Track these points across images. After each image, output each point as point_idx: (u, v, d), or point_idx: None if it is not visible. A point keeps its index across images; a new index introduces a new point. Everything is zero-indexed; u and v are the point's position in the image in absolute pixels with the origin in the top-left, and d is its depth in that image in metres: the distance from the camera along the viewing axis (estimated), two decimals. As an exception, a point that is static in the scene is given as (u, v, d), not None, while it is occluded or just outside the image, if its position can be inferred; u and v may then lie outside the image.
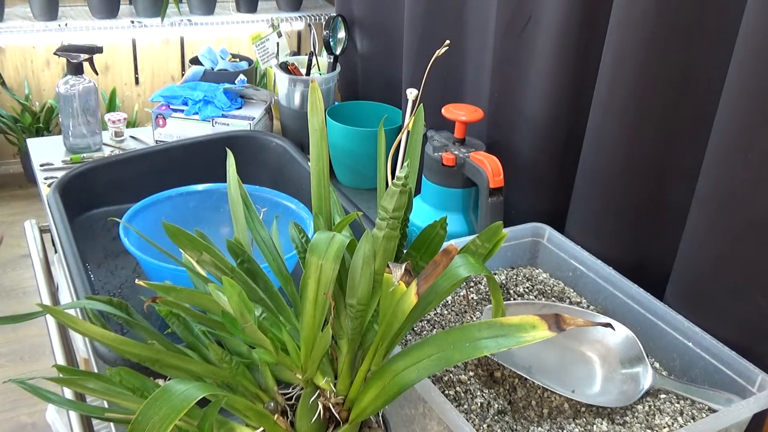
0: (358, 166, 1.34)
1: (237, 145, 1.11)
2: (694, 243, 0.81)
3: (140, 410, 0.52)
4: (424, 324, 0.83)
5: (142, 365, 0.63)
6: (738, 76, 0.72)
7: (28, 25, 2.51)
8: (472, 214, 1.06)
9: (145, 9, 2.63)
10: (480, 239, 0.66)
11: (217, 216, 1.06)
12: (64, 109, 1.43)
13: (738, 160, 0.73)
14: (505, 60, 1.07)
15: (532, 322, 0.54)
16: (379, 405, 0.61)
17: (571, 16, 0.94)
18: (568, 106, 1.00)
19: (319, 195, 0.72)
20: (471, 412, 0.72)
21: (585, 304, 0.90)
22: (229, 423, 0.65)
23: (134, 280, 0.74)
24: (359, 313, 0.60)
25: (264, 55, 1.81)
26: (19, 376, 0.66)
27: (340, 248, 0.60)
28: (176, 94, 1.45)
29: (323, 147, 0.72)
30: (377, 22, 1.49)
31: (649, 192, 0.89)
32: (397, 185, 0.58)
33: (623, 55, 0.84)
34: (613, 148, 0.90)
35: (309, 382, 0.65)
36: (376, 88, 1.53)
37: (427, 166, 1.06)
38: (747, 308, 0.76)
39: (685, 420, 0.72)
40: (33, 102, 2.91)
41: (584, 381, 0.78)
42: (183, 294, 0.65)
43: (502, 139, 1.11)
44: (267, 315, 0.66)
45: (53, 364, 0.72)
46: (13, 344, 2.15)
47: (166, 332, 0.70)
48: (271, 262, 0.73)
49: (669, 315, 0.80)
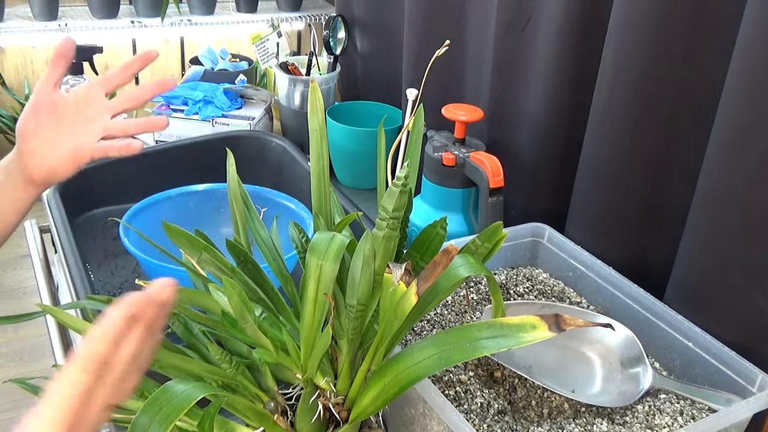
0: (358, 166, 1.34)
1: (237, 145, 1.11)
2: (694, 243, 0.81)
3: (140, 410, 0.52)
4: (424, 324, 0.83)
5: (142, 365, 0.63)
6: (738, 76, 0.72)
7: (28, 25, 2.51)
8: (472, 214, 1.06)
9: (145, 9, 2.63)
10: (480, 239, 0.66)
11: (217, 216, 1.06)
12: (64, 109, 1.43)
13: (738, 160, 0.73)
14: (506, 60, 1.07)
15: (532, 322, 0.54)
16: (379, 405, 0.61)
17: (571, 16, 0.94)
18: (568, 106, 1.00)
19: (319, 195, 0.72)
20: (471, 412, 0.71)
21: (585, 304, 0.90)
22: (229, 423, 0.65)
23: (134, 280, 0.74)
24: (359, 313, 0.60)
25: (264, 55, 1.81)
26: (19, 376, 0.66)
27: (340, 248, 0.60)
28: (176, 94, 1.45)
29: (323, 147, 0.72)
30: (377, 22, 1.49)
31: (649, 192, 0.89)
32: (397, 185, 0.58)
33: (623, 55, 0.84)
34: (613, 148, 0.90)
35: (309, 382, 0.65)
36: (376, 88, 1.53)
37: (427, 166, 1.06)
38: (747, 308, 0.76)
39: (685, 420, 0.72)
40: (33, 102, 2.91)
41: (584, 381, 0.78)
42: (183, 294, 0.65)
43: (502, 139, 1.11)
44: (267, 315, 0.66)
45: (53, 364, 0.72)
46: (13, 344, 2.15)
47: (166, 332, 0.70)
48: (271, 262, 0.73)
49: (669, 315, 0.80)
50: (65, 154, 0.73)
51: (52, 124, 0.73)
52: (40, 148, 0.73)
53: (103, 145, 0.74)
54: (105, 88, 0.76)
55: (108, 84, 0.76)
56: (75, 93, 0.74)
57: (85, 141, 0.73)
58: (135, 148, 0.75)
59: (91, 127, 0.74)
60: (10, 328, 2.19)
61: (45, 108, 0.73)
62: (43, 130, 0.73)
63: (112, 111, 0.75)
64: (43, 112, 0.73)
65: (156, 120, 0.77)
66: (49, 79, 0.73)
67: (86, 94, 0.75)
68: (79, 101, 0.74)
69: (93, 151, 0.74)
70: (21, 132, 0.73)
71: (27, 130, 0.72)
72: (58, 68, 0.73)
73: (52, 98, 0.73)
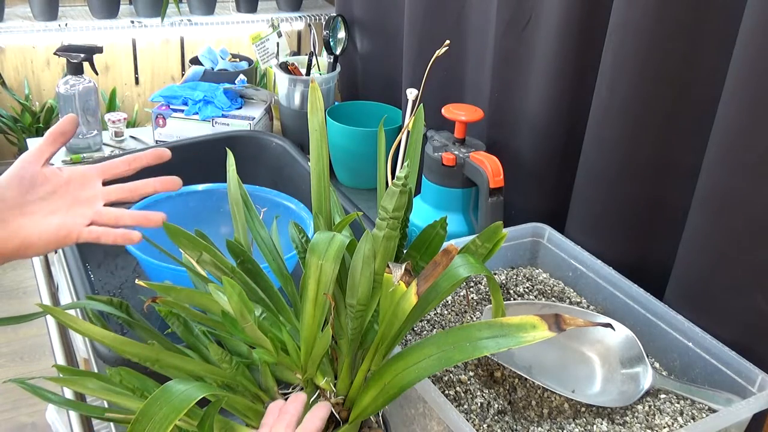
0: (358, 166, 1.34)
1: (237, 145, 1.11)
2: (694, 243, 0.81)
3: (140, 410, 0.52)
4: (424, 324, 0.83)
5: (142, 365, 0.63)
6: (738, 76, 0.72)
7: (28, 25, 2.51)
8: (472, 214, 1.06)
9: (145, 9, 2.63)
10: (480, 239, 0.66)
11: (217, 216, 1.06)
12: (64, 109, 1.43)
13: (738, 160, 0.73)
14: (505, 60, 1.07)
15: (532, 322, 0.54)
16: (379, 405, 0.61)
17: (571, 16, 0.94)
18: (568, 106, 1.00)
19: (319, 195, 0.72)
20: (471, 412, 0.71)
21: (585, 304, 0.90)
22: (229, 423, 0.65)
23: (134, 280, 0.74)
24: (359, 313, 0.60)
25: (264, 55, 1.81)
26: (19, 376, 0.66)
27: (340, 248, 0.60)
28: (176, 94, 1.45)
29: (323, 147, 0.72)
30: (377, 22, 1.49)
31: (649, 192, 0.89)
32: (397, 185, 0.58)
33: (623, 55, 0.84)
34: (613, 148, 0.90)
35: (309, 382, 0.65)
36: (376, 88, 1.53)
37: (427, 166, 1.06)
38: (747, 308, 0.76)
39: (685, 420, 0.72)
40: (33, 102, 2.91)
41: (584, 381, 0.78)
42: (183, 294, 0.65)
43: (502, 139, 1.11)
44: (267, 315, 0.66)
45: (53, 364, 0.72)
46: (13, 344, 2.15)
47: (166, 332, 0.70)
48: (271, 262, 0.73)
49: (669, 315, 0.80)
50: (47, 231, 0.67)
51: (37, 198, 0.68)
52: (18, 218, 0.66)
53: (96, 231, 0.69)
54: (103, 176, 0.72)
55: (107, 173, 0.72)
56: (70, 172, 0.70)
57: (72, 222, 0.68)
58: (134, 240, 0.69)
59: (81, 210, 0.69)
60: (10, 328, 2.19)
61: (30, 179, 0.68)
62: (25, 201, 0.67)
63: (106, 199, 0.71)
64: (28, 183, 0.67)
65: (152, 216, 0.71)
66: (41, 153, 0.69)
67: (82, 176, 0.71)
68: (73, 182, 0.70)
69: (82, 235, 0.68)
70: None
71: (7, 197, 0.66)
72: (55, 145, 0.70)
73: (40, 171, 0.68)
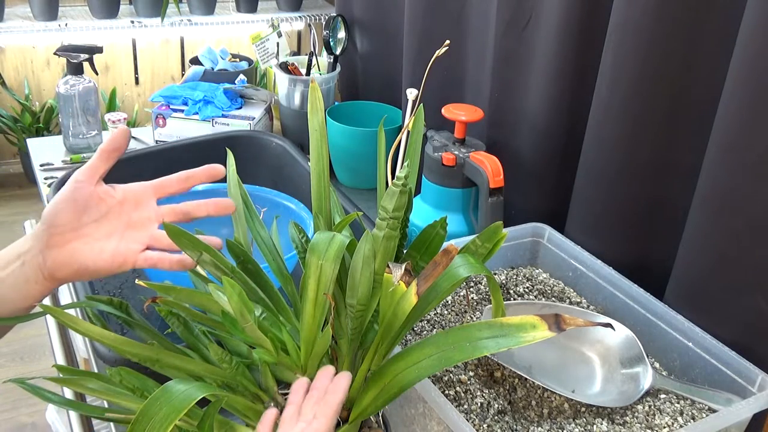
0: (358, 166, 1.34)
1: (237, 145, 1.11)
2: (694, 243, 0.81)
3: (140, 410, 0.52)
4: (424, 324, 0.83)
5: (142, 365, 0.63)
6: (738, 76, 0.72)
7: (28, 25, 2.51)
8: (472, 214, 1.06)
9: (145, 9, 2.63)
10: (480, 239, 0.66)
11: (217, 216, 1.06)
12: (64, 109, 1.43)
13: (738, 160, 0.73)
14: (505, 60, 1.07)
15: (532, 322, 0.54)
16: (379, 405, 0.61)
17: (571, 16, 0.94)
18: (568, 106, 1.00)
19: (319, 195, 0.72)
20: (471, 412, 0.71)
21: (585, 304, 0.90)
22: (229, 423, 0.65)
23: (134, 280, 0.74)
24: (359, 313, 0.60)
25: (264, 55, 1.81)
26: (19, 376, 0.66)
27: (340, 248, 0.60)
28: (176, 94, 1.45)
29: (323, 147, 0.72)
30: (377, 22, 1.49)
31: (649, 192, 0.89)
32: (397, 185, 0.58)
33: (623, 54, 0.84)
34: (613, 148, 0.90)
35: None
36: (376, 88, 1.53)
37: (427, 166, 1.06)
38: (747, 308, 0.76)
39: (685, 420, 0.72)
40: (33, 102, 2.91)
41: (584, 381, 0.78)
42: (183, 294, 0.65)
43: (502, 139, 1.11)
44: (267, 315, 0.66)
45: (53, 364, 0.71)
46: (13, 344, 2.15)
47: (166, 332, 0.70)
48: (271, 262, 0.73)
49: (669, 315, 0.80)
50: (102, 258, 0.64)
51: (92, 220, 0.64)
52: (73, 242, 0.63)
53: (152, 258, 0.65)
54: (157, 196, 0.68)
55: (161, 192, 0.68)
56: (124, 192, 0.66)
57: (127, 248, 0.65)
58: (189, 266, 0.66)
59: (136, 234, 0.66)
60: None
61: (84, 201, 0.63)
62: (80, 224, 0.63)
63: (159, 221, 0.67)
64: (82, 205, 0.63)
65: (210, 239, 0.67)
66: (95, 171, 0.64)
67: (136, 196, 0.67)
68: (127, 202, 0.66)
69: (137, 262, 0.65)
70: (52, 222, 0.62)
71: (61, 221, 0.62)
72: (109, 162, 0.65)
73: (94, 191, 0.64)
